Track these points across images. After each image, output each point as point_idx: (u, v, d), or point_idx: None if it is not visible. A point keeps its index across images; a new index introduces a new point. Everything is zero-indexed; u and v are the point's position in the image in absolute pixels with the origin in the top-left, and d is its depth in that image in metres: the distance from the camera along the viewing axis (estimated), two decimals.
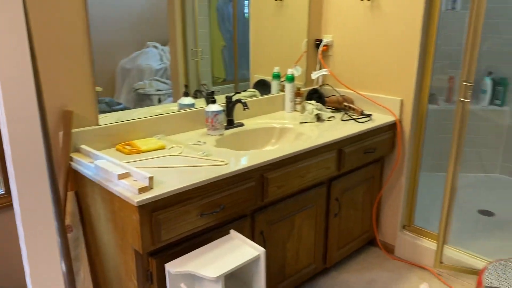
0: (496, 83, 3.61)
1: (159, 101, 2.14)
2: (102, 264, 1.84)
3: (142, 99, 2.08)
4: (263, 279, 1.65)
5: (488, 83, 3.59)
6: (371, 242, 2.78)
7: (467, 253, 2.43)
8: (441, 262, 2.41)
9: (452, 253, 2.45)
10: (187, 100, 2.23)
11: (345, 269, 2.56)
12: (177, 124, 2.16)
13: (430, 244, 2.52)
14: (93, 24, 1.81)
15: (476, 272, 2.34)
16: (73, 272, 1.74)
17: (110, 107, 1.97)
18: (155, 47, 2.09)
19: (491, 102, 3.67)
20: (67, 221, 1.80)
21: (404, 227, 2.69)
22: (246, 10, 2.43)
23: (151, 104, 2.11)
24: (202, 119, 2.24)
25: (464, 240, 2.70)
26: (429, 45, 2.37)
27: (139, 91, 2.06)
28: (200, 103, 2.29)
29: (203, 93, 2.31)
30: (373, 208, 2.64)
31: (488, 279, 1.76)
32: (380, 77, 2.54)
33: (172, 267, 1.51)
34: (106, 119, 1.93)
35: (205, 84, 2.33)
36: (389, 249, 2.72)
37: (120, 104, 2.00)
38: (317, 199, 2.22)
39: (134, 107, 2.05)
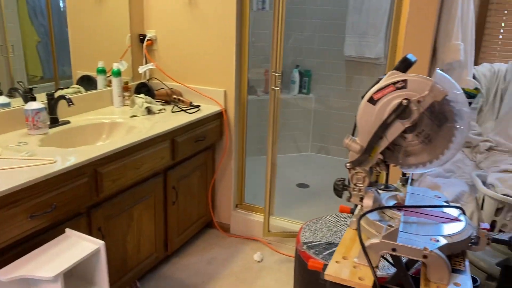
0: (302, 74, 4.19)
1: None
2: None
3: None
4: (105, 273, 1.66)
5: (296, 74, 4.14)
6: (209, 225, 2.97)
7: (289, 220, 2.81)
8: (269, 231, 2.73)
9: (278, 222, 2.80)
10: (1, 100, 2.04)
11: (186, 253, 2.69)
12: None
13: (259, 218, 2.84)
14: None
15: (296, 235, 2.73)
16: None
17: None
18: None
19: (300, 91, 4.24)
20: None
21: (236, 206, 2.95)
22: (62, 4, 2.32)
23: None
24: (21, 119, 2.08)
25: (287, 210, 3.10)
26: (244, 41, 2.64)
27: None
28: (18, 102, 2.12)
29: (19, 91, 2.14)
30: (208, 192, 2.83)
31: (304, 236, 2.09)
32: (204, 70, 2.73)
33: (3, 275, 1.41)
34: None
35: (21, 82, 2.16)
36: (226, 228, 2.95)
37: None
38: (154, 189, 2.29)
39: None
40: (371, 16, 3.73)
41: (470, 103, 3.23)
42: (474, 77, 3.22)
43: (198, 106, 2.63)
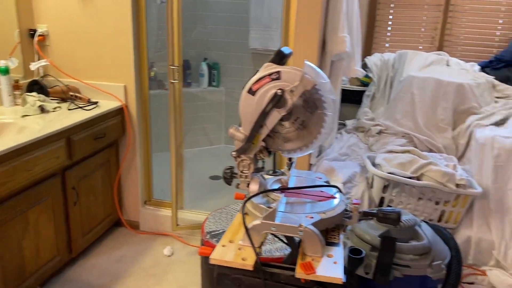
0: (211, 67, 4.23)
1: None
2: None
3: None
4: None
5: (204, 68, 4.17)
6: (118, 223, 2.92)
7: (199, 212, 2.85)
8: (177, 225, 2.75)
9: (188, 215, 2.83)
10: None
11: (93, 254, 2.63)
12: None
13: (168, 213, 2.84)
14: None
15: None
16: None
17: None
18: None
19: (210, 84, 4.28)
20: None
21: (145, 202, 2.93)
22: None
23: None
24: None
25: (199, 203, 3.13)
26: (141, 35, 2.61)
27: None
28: None
29: None
30: (114, 190, 2.78)
31: (208, 226, 2.15)
32: (102, 65, 2.65)
33: None
34: None
35: None
36: (135, 226, 2.92)
37: None
38: (51, 191, 2.20)
39: None
40: (273, 10, 3.86)
41: (364, 91, 3.50)
42: (366, 66, 3.49)
43: (96, 103, 2.56)
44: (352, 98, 3.57)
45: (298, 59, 2.25)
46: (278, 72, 1.33)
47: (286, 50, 1.39)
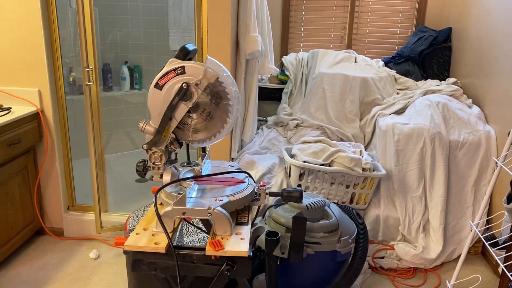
0: (132, 70, 4.21)
1: None
2: None
3: None
4: None
5: (125, 71, 4.14)
6: (40, 231, 2.84)
7: (125, 214, 2.85)
8: (102, 227, 2.74)
9: (113, 217, 2.82)
10: None
11: (15, 264, 2.54)
12: None
13: (93, 216, 2.81)
14: None
15: None
16: None
17: None
18: None
19: (132, 87, 4.26)
20: None
21: (68, 208, 2.88)
22: None
23: None
24: None
25: (125, 205, 3.11)
26: (54, 40, 2.57)
27: None
28: None
29: None
30: (33, 197, 2.70)
31: (131, 223, 2.18)
32: (14, 70, 2.58)
33: None
34: None
35: None
36: (59, 233, 2.86)
37: None
38: None
39: None
40: (191, 12, 3.94)
41: (282, 89, 3.69)
42: (283, 65, 3.68)
43: (9, 108, 2.49)
44: (272, 95, 3.75)
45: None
46: (182, 67, 1.42)
47: (190, 46, 1.49)
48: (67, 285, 2.38)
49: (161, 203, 1.54)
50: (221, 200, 1.39)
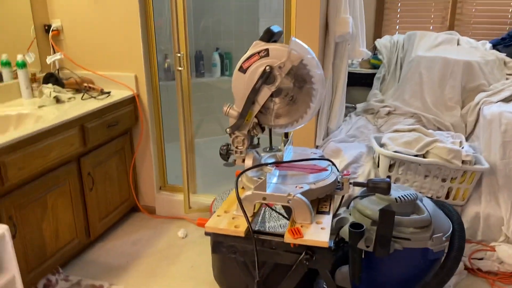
0: (223, 57, 4.29)
1: None
2: None
3: None
4: (13, 258, 1.70)
5: (216, 57, 4.24)
6: (134, 209, 3.04)
7: (211, 196, 2.93)
8: (190, 208, 2.85)
9: (201, 199, 2.92)
10: None
11: (111, 237, 2.75)
12: None
13: (182, 197, 2.93)
14: None
15: None
16: None
17: None
18: None
19: (223, 74, 4.35)
20: None
21: (160, 188, 3.04)
22: None
23: None
24: None
25: (212, 187, 3.19)
26: (150, 27, 2.70)
27: None
28: None
29: None
30: (129, 177, 2.89)
31: (216, 206, 2.23)
32: (113, 56, 2.76)
33: None
34: None
35: None
36: (151, 211, 3.03)
37: None
38: (68, 177, 2.32)
39: None
40: None
41: (374, 74, 3.50)
42: (375, 48, 3.49)
43: (108, 92, 2.67)
44: (363, 81, 3.57)
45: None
46: (266, 50, 1.38)
47: (275, 28, 1.45)
48: (157, 261, 2.51)
49: (242, 187, 1.54)
50: (301, 187, 1.34)
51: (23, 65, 2.53)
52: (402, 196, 1.85)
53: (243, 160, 1.50)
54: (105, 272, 2.41)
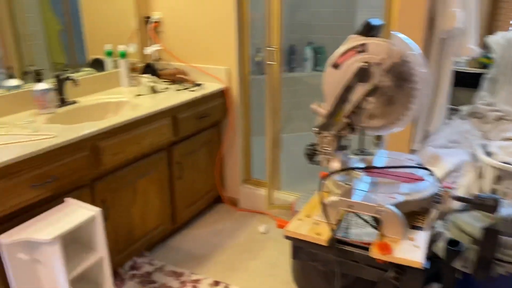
0: (316, 51, 4.18)
1: None
2: None
3: None
4: (103, 239, 1.79)
5: (308, 52, 4.14)
6: (218, 199, 3.08)
7: (294, 194, 2.86)
8: (271, 204, 2.80)
9: (284, 196, 2.86)
10: (13, 82, 2.20)
11: (195, 226, 2.82)
12: (2, 106, 2.12)
13: (265, 192, 2.91)
14: None
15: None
16: None
17: None
18: None
19: (314, 69, 4.24)
20: None
21: (244, 181, 3.04)
22: None
23: None
24: (32, 99, 2.23)
25: (296, 185, 3.13)
26: (244, 21, 2.68)
27: None
28: (31, 85, 2.27)
29: (30, 74, 2.29)
30: (216, 168, 2.93)
31: (298, 205, 2.16)
32: (207, 49, 2.80)
33: (5, 238, 1.56)
34: None
35: (33, 65, 2.31)
36: (234, 203, 3.05)
37: None
38: (158, 164, 2.40)
39: None
40: None
41: (482, 74, 3.15)
42: (485, 46, 3.13)
43: (201, 84, 2.72)
44: (469, 81, 3.24)
45: None
46: (363, 45, 1.27)
47: (374, 21, 1.33)
48: (237, 254, 2.51)
49: (328, 191, 1.44)
50: (394, 198, 1.21)
51: (124, 55, 2.67)
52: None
53: (329, 162, 1.41)
54: (187, 260, 2.47)
